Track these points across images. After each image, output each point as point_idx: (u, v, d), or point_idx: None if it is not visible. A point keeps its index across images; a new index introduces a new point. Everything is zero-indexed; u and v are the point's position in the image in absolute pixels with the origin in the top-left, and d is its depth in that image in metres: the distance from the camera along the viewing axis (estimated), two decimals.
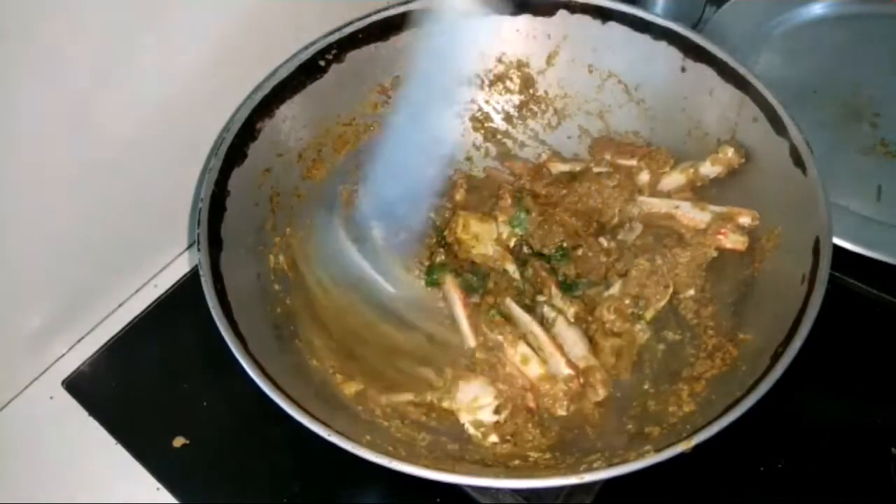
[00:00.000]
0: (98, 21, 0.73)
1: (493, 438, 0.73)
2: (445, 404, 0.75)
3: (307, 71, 0.85)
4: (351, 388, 0.76)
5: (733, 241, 0.80)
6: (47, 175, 0.77)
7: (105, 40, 0.74)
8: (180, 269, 0.98)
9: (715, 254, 0.81)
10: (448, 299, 0.84)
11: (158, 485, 0.79)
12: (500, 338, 0.78)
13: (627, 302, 0.80)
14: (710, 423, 0.60)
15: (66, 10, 0.69)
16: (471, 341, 0.79)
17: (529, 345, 0.78)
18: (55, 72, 0.72)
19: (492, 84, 0.97)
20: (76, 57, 0.73)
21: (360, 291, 0.84)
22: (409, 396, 0.76)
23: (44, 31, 0.69)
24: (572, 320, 0.81)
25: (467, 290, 0.84)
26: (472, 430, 0.74)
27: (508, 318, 0.81)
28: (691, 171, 0.85)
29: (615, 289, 0.82)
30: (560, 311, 0.81)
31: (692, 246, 0.82)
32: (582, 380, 0.76)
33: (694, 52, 0.84)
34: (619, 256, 0.85)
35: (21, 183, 0.75)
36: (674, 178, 0.87)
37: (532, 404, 0.76)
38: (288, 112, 0.85)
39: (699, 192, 0.87)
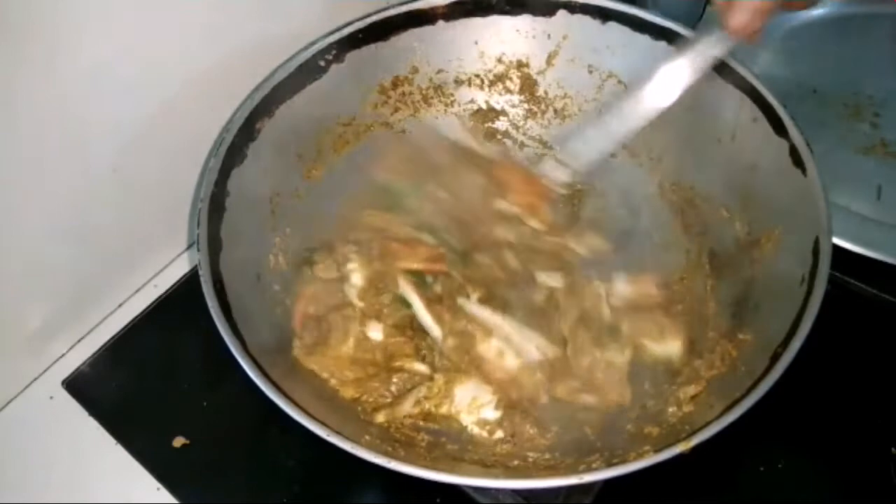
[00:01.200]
0: (98, 21, 0.73)
1: (500, 434, 0.73)
2: (444, 410, 0.75)
3: (307, 71, 0.85)
4: (348, 393, 0.76)
5: None
6: (46, 175, 0.77)
7: (105, 41, 0.74)
8: (180, 269, 0.98)
9: None
10: (404, 294, 0.81)
11: (158, 485, 0.79)
12: (466, 326, 0.77)
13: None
14: (709, 423, 0.60)
15: (65, 9, 0.69)
16: (436, 332, 0.78)
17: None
18: (55, 72, 0.72)
19: (492, 84, 0.98)
20: (76, 57, 0.73)
21: None
22: (407, 408, 0.75)
23: (44, 31, 0.69)
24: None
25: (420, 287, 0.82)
26: (476, 430, 0.74)
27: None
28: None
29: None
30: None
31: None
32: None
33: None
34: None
35: (20, 183, 0.75)
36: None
37: (515, 396, 0.76)
38: (288, 112, 0.85)
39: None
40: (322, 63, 0.86)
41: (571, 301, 0.80)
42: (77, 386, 0.87)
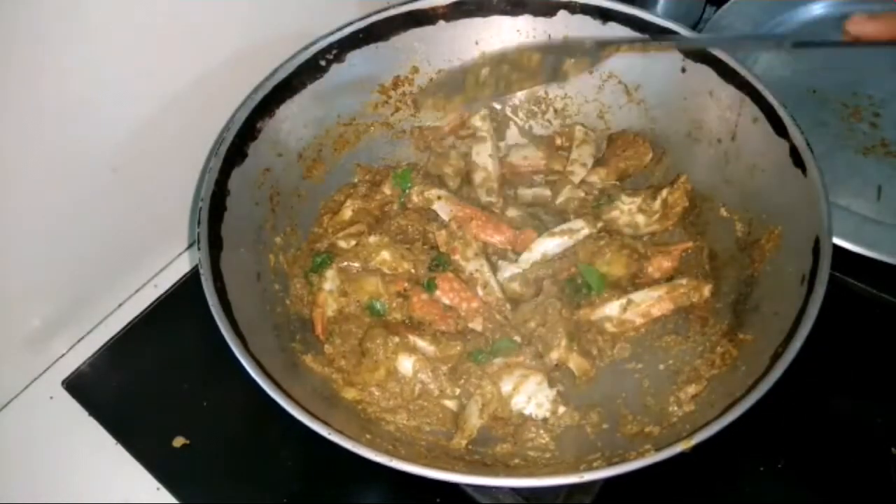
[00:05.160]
0: (98, 22, 0.73)
1: (563, 409, 0.75)
2: (506, 410, 0.76)
3: (307, 71, 0.86)
4: (350, 394, 0.76)
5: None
6: (47, 175, 0.77)
7: (105, 41, 0.74)
8: (180, 269, 0.98)
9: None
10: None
11: (158, 485, 0.79)
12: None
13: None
14: (710, 422, 0.60)
15: (65, 12, 0.69)
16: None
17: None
18: (55, 73, 0.72)
19: None
20: (76, 58, 0.73)
21: None
22: (474, 422, 0.74)
23: (44, 33, 0.69)
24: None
25: None
26: (542, 413, 0.75)
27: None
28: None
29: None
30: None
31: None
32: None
33: (694, 52, 0.84)
34: None
35: (21, 183, 0.75)
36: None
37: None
38: (288, 112, 0.85)
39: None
40: (322, 63, 0.87)
41: None
42: (77, 386, 0.87)
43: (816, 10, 1.17)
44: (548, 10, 0.90)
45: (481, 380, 0.76)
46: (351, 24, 0.87)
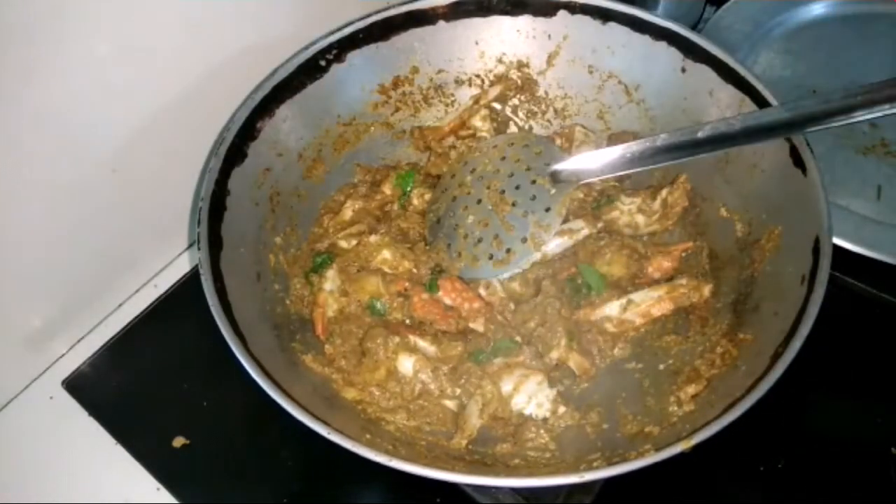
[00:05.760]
0: (98, 23, 0.73)
1: (562, 409, 0.75)
2: (506, 410, 0.75)
3: (307, 71, 0.86)
4: (350, 394, 0.76)
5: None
6: (47, 176, 0.77)
7: (105, 41, 0.75)
8: (180, 269, 0.98)
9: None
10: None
11: (158, 485, 0.79)
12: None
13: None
14: (709, 422, 0.60)
15: (66, 13, 0.69)
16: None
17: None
18: (56, 73, 0.72)
19: (493, 84, 0.98)
20: (76, 59, 0.73)
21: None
22: (474, 422, 0.73)
23: (45, 35, 0.69)
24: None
25: None
26: (542, 413, 0.75)
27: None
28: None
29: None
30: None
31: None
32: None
33: (694, 52, 0.84)
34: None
35: (21, 184, 0.75)
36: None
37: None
38: (288, 112, 0.85)
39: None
40: (322, 63, 0.87)
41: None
42: (77, 386, 0.87)
43: (816, 10, 1.17)
44: (548, 10, 0.90)
45: (481, 380, 0.76)
46: (351, 23, 0.87)
